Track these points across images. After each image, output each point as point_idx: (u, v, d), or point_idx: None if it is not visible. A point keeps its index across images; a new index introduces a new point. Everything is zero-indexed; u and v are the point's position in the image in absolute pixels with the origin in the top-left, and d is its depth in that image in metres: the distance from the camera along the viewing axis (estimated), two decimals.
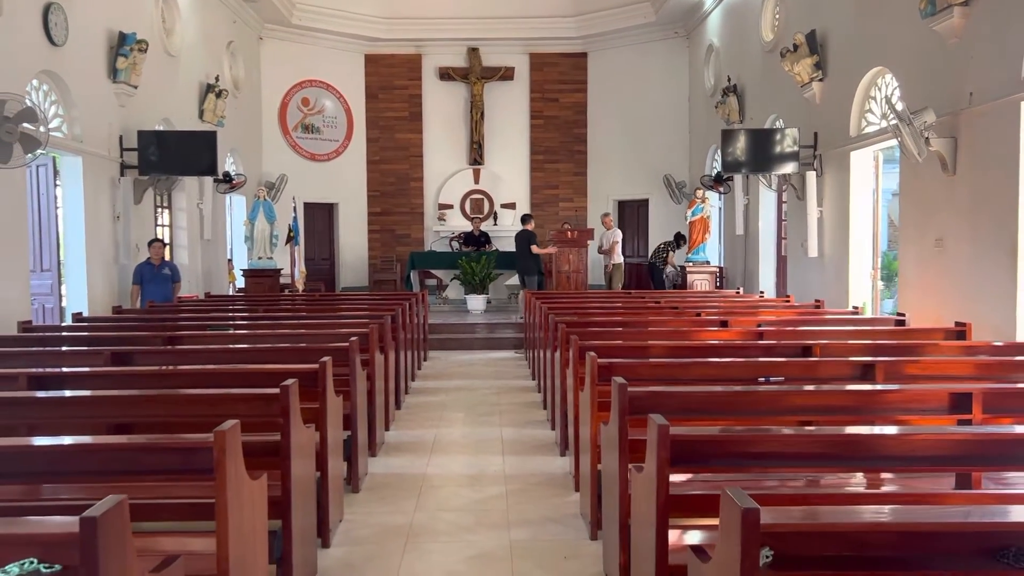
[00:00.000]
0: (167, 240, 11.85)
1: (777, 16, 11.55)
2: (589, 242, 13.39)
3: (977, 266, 6.73)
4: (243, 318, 8.17)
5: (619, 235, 13.93)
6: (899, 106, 7.35)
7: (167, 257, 11.76)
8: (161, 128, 11.23)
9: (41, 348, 5.85)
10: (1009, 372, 4.59)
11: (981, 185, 6.66)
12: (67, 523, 1.85)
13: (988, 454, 2.97)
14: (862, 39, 8.82)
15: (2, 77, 7.55)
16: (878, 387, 4.03)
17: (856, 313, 7.92)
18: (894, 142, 7.77)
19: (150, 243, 9.92)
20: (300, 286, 13.48)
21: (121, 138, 10.10)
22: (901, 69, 8.04)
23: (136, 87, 10.23)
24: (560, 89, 17.70)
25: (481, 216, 17.28)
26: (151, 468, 2.87)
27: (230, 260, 14.36)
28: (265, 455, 3.44)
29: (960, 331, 6.04)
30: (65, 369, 4.78)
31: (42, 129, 7.40)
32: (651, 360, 4.95)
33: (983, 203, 6.63)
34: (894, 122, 7.18)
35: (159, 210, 11.54)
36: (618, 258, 13.74)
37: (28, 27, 8.17)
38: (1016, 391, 3.88)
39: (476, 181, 17.76)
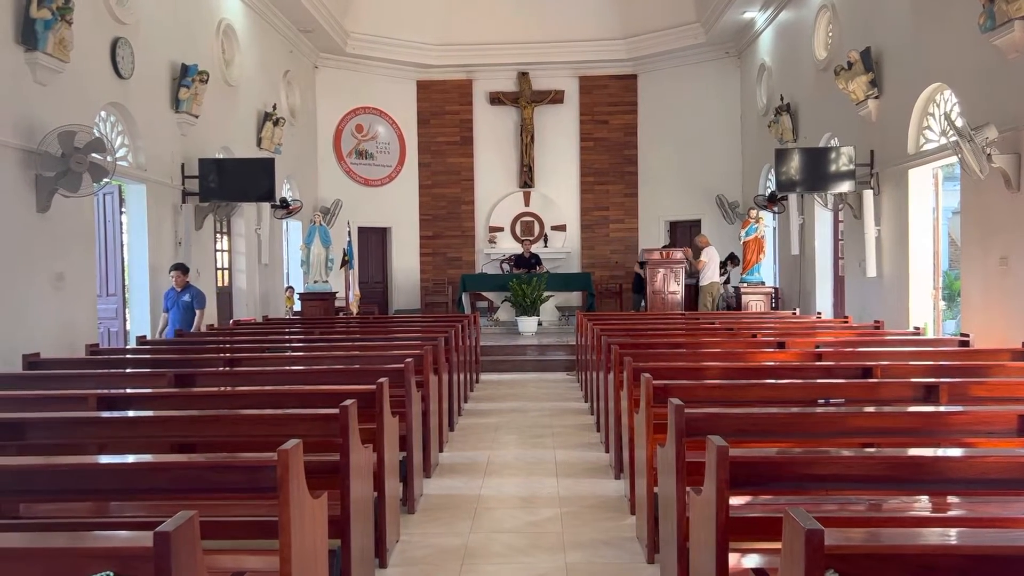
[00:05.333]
0: (226, 265, 12.15)
1: (830, 34, 11.43)
2: (696, 260, 13.08)
3: None
4: (300, 340, 8.32)
5: (711, 254, 13.20)
6: (959, 122, 7.20)
7: (223, 281, 12.05)
8: (221, 156, 11.56)
9: (108, 370, 6.04)
10: None
11: None
12: (141, 537, 1.91)
13: None
14: (919, 56, 8.68)
15: (73, 109, 7.88)
16: (942, 409, 3.93)
17: (917, 334, 7.73)
18: (954, 159, 7.60)
19: (170, 270, 9.22)
20: (354, 309, 13.68)
21: (183, 166, 10.42)
22: (960, 85, 7.88)
23: (197, 116, 10.57)
24: (610, 111, 17.74)
25: (531, 238, 17.35)
26: (216, 486, 2.95)
27: (291, 286, 14.65)
28: (324, 474, 3.50)
29: None
30: (131, 390, 4.93)
31: (109, 159, 7.69)
32: (707, 382, 4.90)
33: None
34: (954, 139, 7.03)
35: (219, 235, 11.85)
36: (711, 278, 13.13)
37: (97, 61, 8.52)
38: None
39: (526, 204, 17.86)
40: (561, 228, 17.75)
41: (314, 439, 3.66)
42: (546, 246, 17.43)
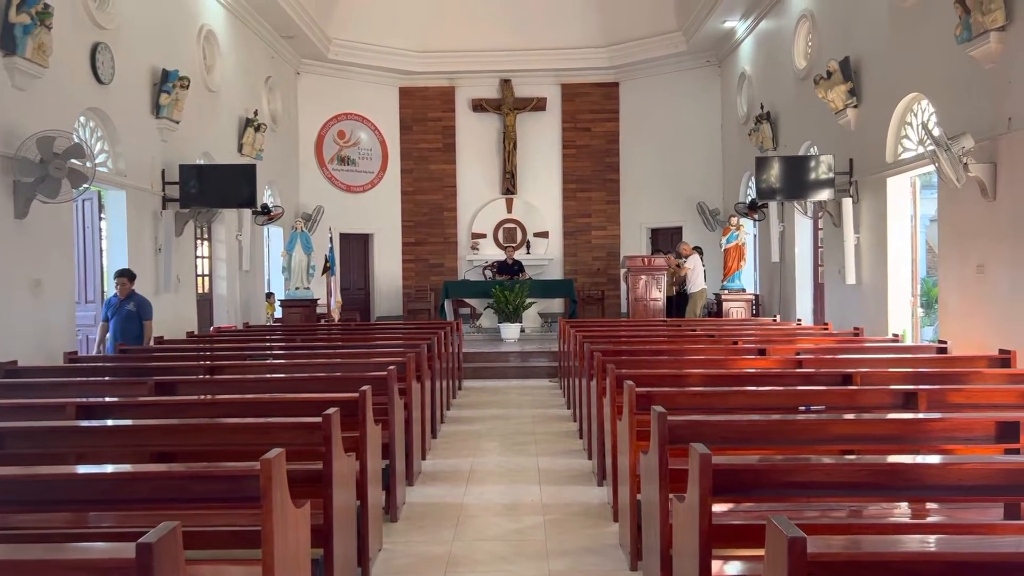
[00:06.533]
0: (206, 271, 12.07)
1: (810, 44, 11.55)
2: (680, 268, 13.17)
3: (1020, 292, 6.61)
4: (281, 348, 8.28)
5: (695, 261, 13.28)
6: (936, 132, 7.29)
7: (204, 288, 11.96)
8: (202, 162, 11.49)
9: (87, 378, 5.98)
10: None
11: (1022, 210, 6.56)
12: (123, 549, 1.89)
13: None
14: (897, 66, 8.78)
15: (52, 114, 7.80)
16: (921, 416, 3.97)
17: (896, 341, 7.81)
18: (931, 168, 7.70)
19: (115, 276, 8.47)
20: (336, 316, 13.63)
21: (163, 172, 10.35)
22: (937, 95, 7.99)
23: (178, 122, 10.50)
24: (592, 118, 17.82)
25: (514, 245, 17.37)
26: (197, 496, 2.92)
27: (271, 293, 14.57)
28: (307, 484, 3.48)
29: (1004, 359, 5.94)
30: (111, 399, 4.89)
31: (88, 164, 7.64)
32: (689, 389, 4.92)
33: None
34: (931, 148, 7.12)
35: (199, 242, 11.77)
36: (701, 285, 13.20)
37: (77, 66, 8.45)
38: None
39: (509, 210, 17.88)
40: (543, 235, 17.79)
41: (296, 448, 3.64)
42: (528, 253, 17.45)
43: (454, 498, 5.68)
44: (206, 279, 12.09)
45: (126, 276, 8.37)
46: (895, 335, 8.27)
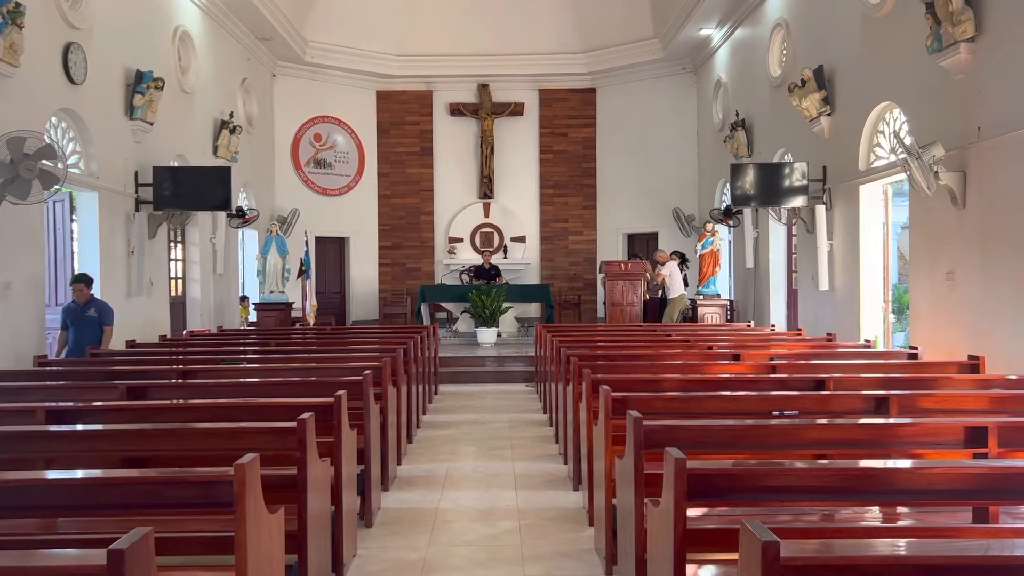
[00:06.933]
0: (180, 274, 11.95)
1: (784, 52, 11.68)
2: (656, 274, 13.29)
3: (989, 299, 6.72)
4: (256, 352, 8.21)
5: (671, 268, 13.34)
6: (908, 140, 7.40)
7: (177, 291, 11.84)
8: (176, 164, 11.39)
9: (57, 382, 5.90)
10: None
11: (991, 218, 6.68)
12: (94, 555, 1.87)
13: (1006, 488, 2.96)
14: (870, 75, 8.90)
15: (23, 115, 7.70)
16: (892, 421, 4.02)
17: (868, 346, 7.91)
18: (903, 176, 7.81)
19: (72, 281, 8.17)
20: (311, 319, 13.54)
21: (136, 174, 10.24)
22: (909, 104, 8.11)
23: (152, 124, 10.39)
24: (569, 124, 17.88)
25: (491, 249, 17.37)
26: (170, 502, 2.90)
27: (246, 296, 14.45)
28: (281, 489, 3.45)
29: (973, 364, 6.02)
30: (81, 403, 4.82)
31: (60, 166, 7.53)
32: (664, 394, 4.95)
33: (993, 236, 6.64)
34: (903, 156, 7.23)
35: (173, 245, 11.65)
36: (679, 291, 13.29)
37: (48, 66, 8.34)
38: None
39: (486, 215, 17.88)
40: (521, 240, 17.81)
41: (271, 453, 3.61)
42: (506, 257, 17.47)
43: (430, 503, 5.66)
44: (179, 282, 11.97)
45: (83, 281, 8.00)
46: (867, 341, 8.37)
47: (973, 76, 6.86)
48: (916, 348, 7.04)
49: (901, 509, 3.73)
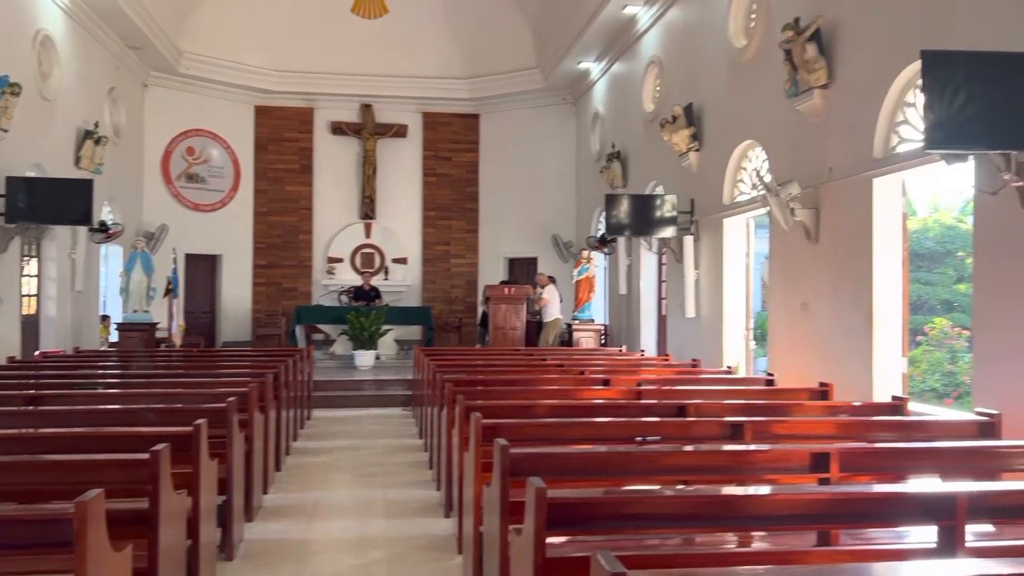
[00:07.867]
0: (34, 291, 11.22)
1: (658, 89, 12.16)
2: (538, 298, 13.48)
3: (838, 329, 7.18)
4: (115, 376, 7.79)
5: (551, 292, 13.76)
6: (767, 178, 7.85)
7: (30, 309, 11.12)
8: (33, 174, 10.72)
9: None
10: (866, 431, 4.90)
11: (840, 253, 7.16)
12: None
13: (844, 512, 3.15)
14: (734, 114, 9.40)
15: None
16: (746, 447, 4.22)
17: (730, 372, 8.27)
18: (764, 210, 8.26)
19: None
20: (178, 341, 12.98)
21: None
22: (769, 143, 8.60)
23: (6, 131, 9.73)
24: (452, 148, 17.97)
25: (372, 270, 17.19)
26: (7, 542, 2.71)
27: (107, 316, 13.69)
28: (132, 524, 3.29)
29: (823, 391, 6.39)
30: None
31: None
32: (536, 420, 5.02)
33: (842, 270, 7.12)
34: (763, 192, 7.65)
35: (26, 259, 10.93)
36: (555, 314, 13.63)
37: None
38: (870, 450, 4.15)
39: (367, 235, 17.69)
40: (402, 261, 17.70)
41: (122, 486, 3.44)
42: (387, 279, 17.31)
43: (297, 534, 5.51)
44: (34, 299, 11.23)
45: None
46: (729, 367, 8.76)
47: (826, 120, 7.37)
48: (772, 375, 7.42)
49: (755, 533, 3.92)
